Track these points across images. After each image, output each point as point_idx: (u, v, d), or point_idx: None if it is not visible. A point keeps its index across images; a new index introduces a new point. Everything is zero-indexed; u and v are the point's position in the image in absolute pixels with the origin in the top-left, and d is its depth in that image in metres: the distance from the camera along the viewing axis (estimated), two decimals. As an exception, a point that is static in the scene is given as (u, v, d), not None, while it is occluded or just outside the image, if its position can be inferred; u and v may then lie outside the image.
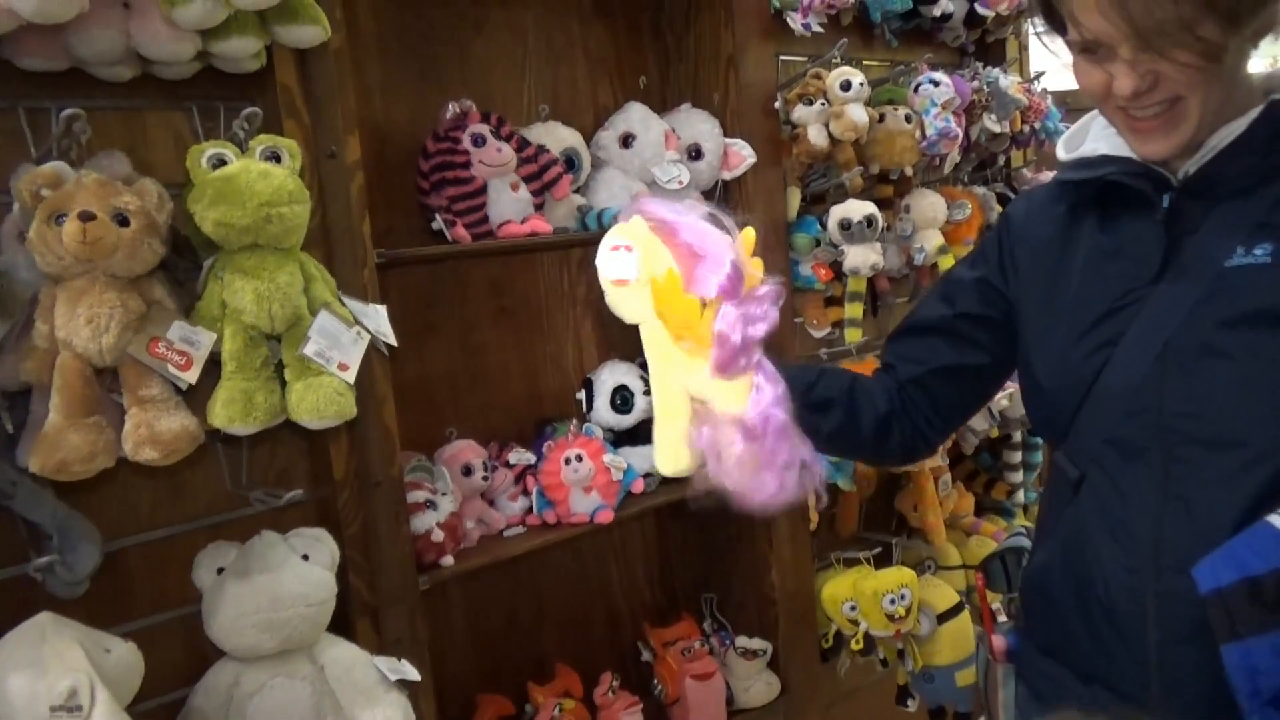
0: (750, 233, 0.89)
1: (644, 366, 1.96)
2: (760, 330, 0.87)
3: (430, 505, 1.56)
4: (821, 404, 1.23)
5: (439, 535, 1.54)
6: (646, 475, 1.85)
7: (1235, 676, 0.88)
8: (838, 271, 2.11)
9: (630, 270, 0.87)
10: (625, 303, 0.90)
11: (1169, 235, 1.02)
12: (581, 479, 1.72)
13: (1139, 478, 1.02)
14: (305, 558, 1.34)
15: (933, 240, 2.19)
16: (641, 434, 1.90)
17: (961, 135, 2.14)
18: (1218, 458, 0.97)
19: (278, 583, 1.29)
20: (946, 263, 2.19)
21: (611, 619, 2.07)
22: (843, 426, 1.24)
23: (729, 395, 0.90)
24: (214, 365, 1.22)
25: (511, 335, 1.89)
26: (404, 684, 1.41)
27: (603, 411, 1.88)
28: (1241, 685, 0.87)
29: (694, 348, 0.89)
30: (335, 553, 1.37)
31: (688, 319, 0.88)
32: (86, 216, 1.04)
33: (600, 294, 0.98)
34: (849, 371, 1.31)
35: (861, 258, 2.04)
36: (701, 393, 0.91)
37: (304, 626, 1.31)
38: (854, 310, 2.13)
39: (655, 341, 0.91)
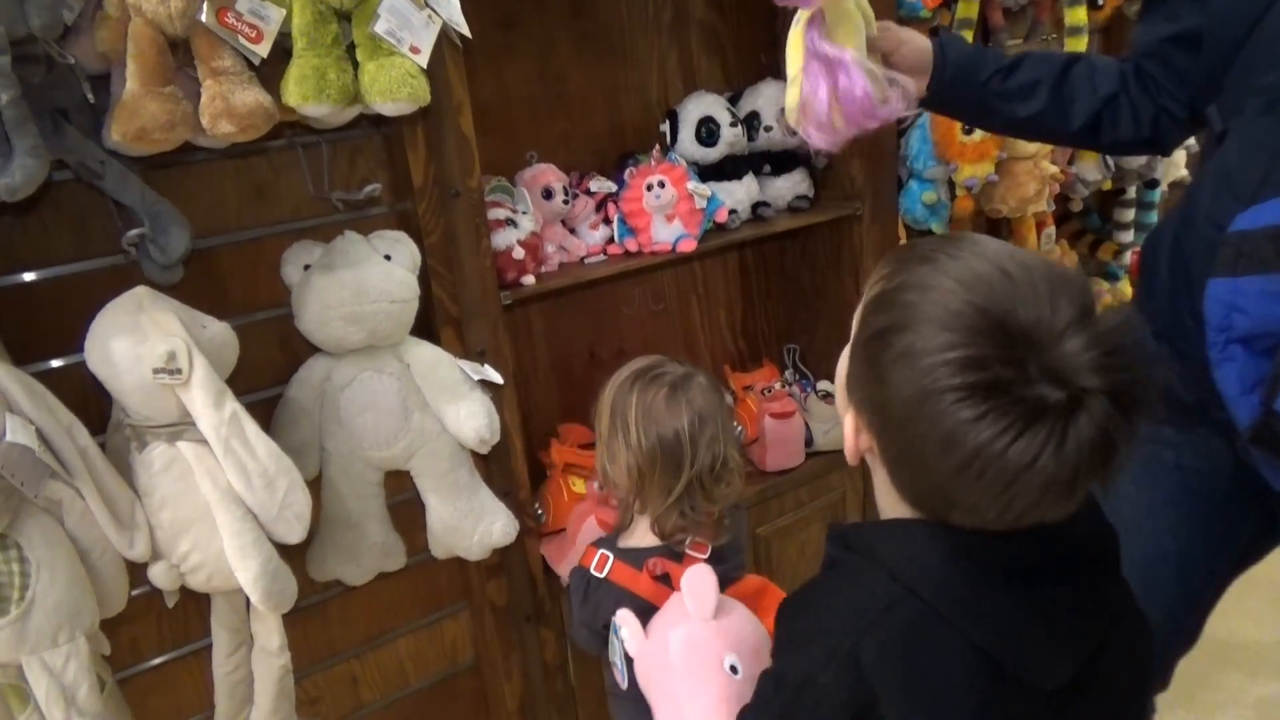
0: None
1: (731, 99, 1.87)
2: None
3: (511, 223, 1.55)
4: (1023, 89, 1.28)
5: (519, 253, 1.54)
6: (731, 211, 1.80)
7: (1212, 309, 0.87)
8: (946, -1, 1.93)
9: None
10: None
11: None
12: (664, 205, 1.68)
13: (1263, 130, 0.95)
14: (388, 258, 1.35)
15: (1054, -38, 1.98)
16: (727, 168, 1.83)
17: None
18: None
19: (361, 277, 1.31)
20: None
21: (691, 359, 2.07)
22: (1044, 113, 1.28)
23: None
24: (286, 55, 1.19)
25: (593, 62, 1.81)
26: (488, 387, 1.45)
27: (687, 144, 1.81)
28: (1215, 319, 0.86)
29: None
30: (416, 255, 1.38)
31: None
32: None
33: (684, 20, 1.28)
34: (1076, 54, 1.31)
35: (972, -22, 1.86)
36: None
37: (388, 322, 1.34)
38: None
39: None
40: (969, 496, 0.68)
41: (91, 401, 1.23)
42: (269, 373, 1.42)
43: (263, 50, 1.11)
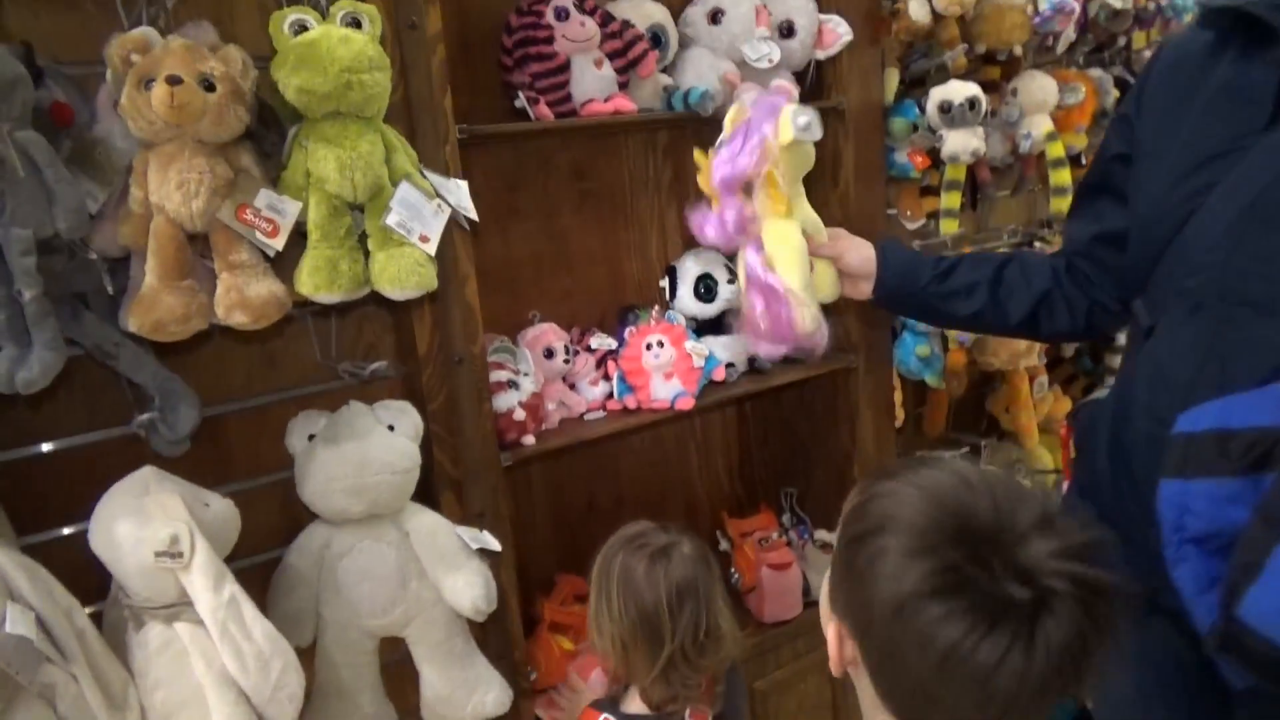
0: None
1: (730, 256, 1.93)
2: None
3: (512, 385, 1.58)
4: (961, 290, 1.36)
5: (520, 414, 1.56)
6: (728, 365, 1.84)
7: (1165, 509, 0.90)
8: (935, 159, 2.01)
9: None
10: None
11: None
12: (663, 364, 1.72)
13: (1192, 332, 1.00)
14: (391, 428, 1.38)
15: (1041, 126, 2.07)
16: (725, 324, 1.88)
17: (1078, 11, 2.00)
18: (1264, 322, 0.95)
19: (364, 450, 1.33)
20: (1055, 150, 2.07)
21: (690, 507, 2.09)
22: (983, 311, 1.35)
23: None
24: (299, 238, 1.24)
25: (595, 220, 1.87)
26: (485, 554, 1.46)
27: (686, 300, 1.86)
28: (1168, 519, 0.89)
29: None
30: (419, 424, 1.40)
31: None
32: (174, 80, 1.05)
33: (684, 181, 1.40)
34: (1014, 253, 1.38)
35: (961, 143, 1.94)
36: None
37: (389, 493, 1.35)
38: (950, 200, 2.04)
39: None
40: (948, 695, 0.69)
41: (93, 572, 1.23)
42: (269, 536, 1.43)
43: (278, 244, 1.16)
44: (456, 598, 1.39)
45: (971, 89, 1.91)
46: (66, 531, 1.27)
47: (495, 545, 1.46)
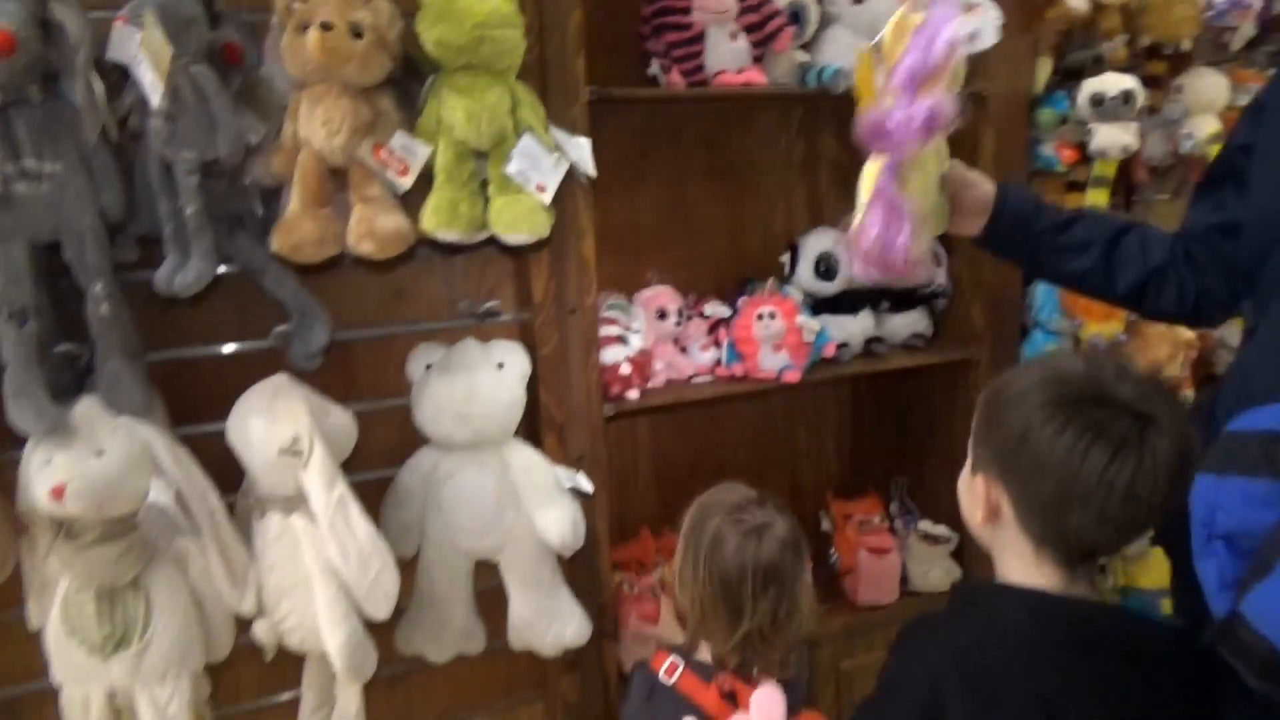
0: None
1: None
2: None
3: (622, 340, 1.65)
4: (1076, 246, 1.32)
5: (627, 369, 1.63)
6: (841, 345, 1.85)
7: (1196, 504, 0.90)
8: (1084, 153, 1.93)
9: None
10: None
11: None
12: (772, 336, 1.75)
13: None
14: (500, 366, 1.48)
15: (1206, 127, 1.94)
16: (844, 302, 1.88)
17: (1258, 7, 1.87)
18: None
19: (473, 382, 1.43)
20: (1219, 152, 1.95)
21: (794, 483, 2.11)
22: (1092, 271, 1.31)
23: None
24: (427, 180, 1.34)
25: (721, 191, 1.92)
26: (579, 495, 1.54)
27: (805, 276, 1.88)
28: (1199, 514, 0.89)
29: None
30: (526, 366, 1.49)
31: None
32: (326, 26, 1.18)
33: (815, 159, 1.61)
34: (1136, 223, 1.32)
35: (1111, 138, 1.85)
36: None
37: (491, 424, 1.45)
38: (1096, 197, 1.95)
39: None
40: (1079, 507, 0.87)
41: (231, 467, 1.39)
42: (387, 456, 1.56)
43: (407, 183, 1.27)
44: (546, 531, 1.48)
45: (1127, 81, 1.83)
46: (210, 428, 1.44)
47: (588, 487, 1.54)
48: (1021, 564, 0.95)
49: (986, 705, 0.90)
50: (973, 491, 0.98)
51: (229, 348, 1.44)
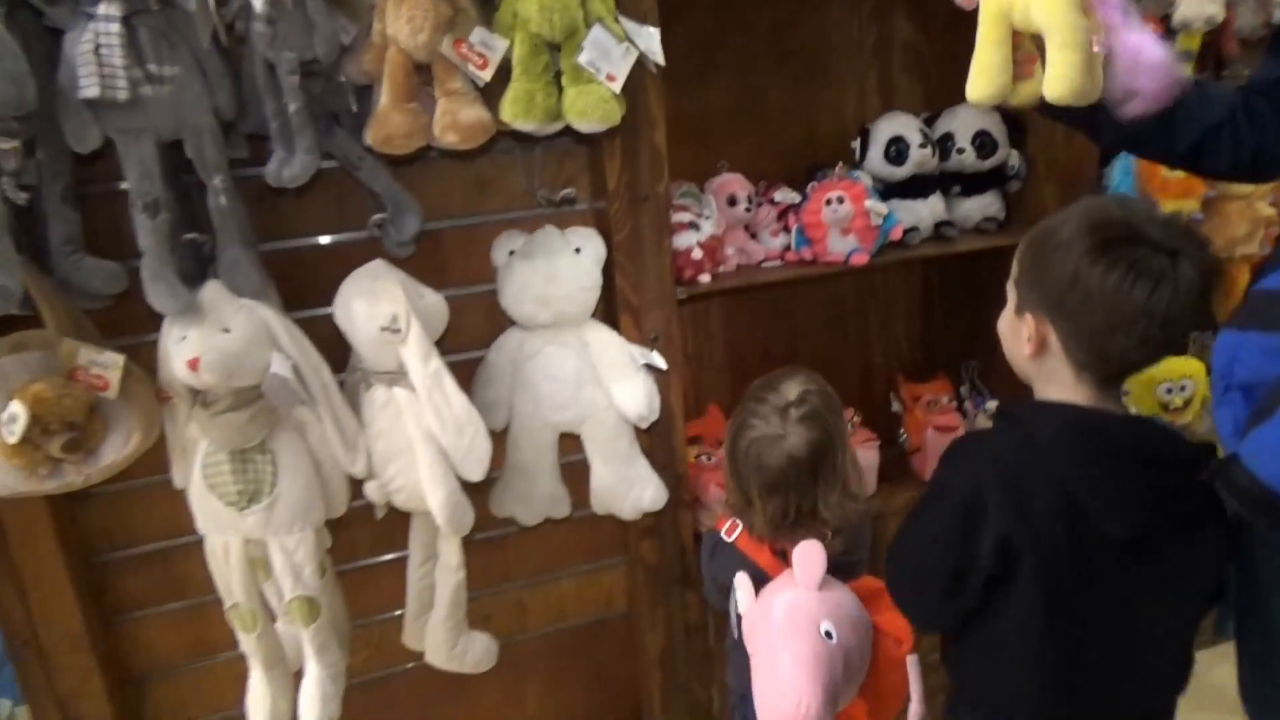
0: None
1: (927, 120, 1.94)
2: None
3: (693, 226, 1.72)
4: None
5: (698, 254, 1.71)
6: (909, 229, 1.88)
7: (1217, 357, 0.97)
8: (1168, 26, 1.89)
9: None
10: None
11: None
12: (840, 220, 1.79)
13: None
14: (578, 251, 1.57)
15: (1304, -6, 1.87)
16: (914, 187, 1.91)
17: None
18: None
19: (554, 266, 1.54)
20: (1314, 20, 1.87)
21: (864, 366, 2.18)
22: (1151, 131, 1.26)
23: None
24: (506, 74, 1.42)
25: (791, 79, 1.94)
26: (653, 371, 1.65)
27: (875, 161, 1.90)
28: (1218, 366, 0.97)
29: None
30: (602, 250, 1.59)
31: None
32: (407, -73, 1.25)
33: (888, 45, 1.48)
34: (1200, 81, 1.30)
35: (1196, 9, 1.80)
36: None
37: (571, 306, 1.56)
38: (1179, 71, 1.91)
39: None
40: (1122, 328, 0.99)
41: (338, 346, 1.54)
42: (476, 337, 1.69)
43: (487, 76, 1.35)
44: (623, 404, 1.60)
45: (1214, -53, 1.77)
46: (316, 312, 1.58)
47: (662, 364, 1.64)
48: (1061, 387, 1.08)
49: (1020, 501, 1.04)
50: (1017, 330, 1.10)
51: (329, 238, 1.58)
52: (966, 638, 1.17)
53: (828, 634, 1.24)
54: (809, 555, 1.28)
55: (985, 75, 1.21)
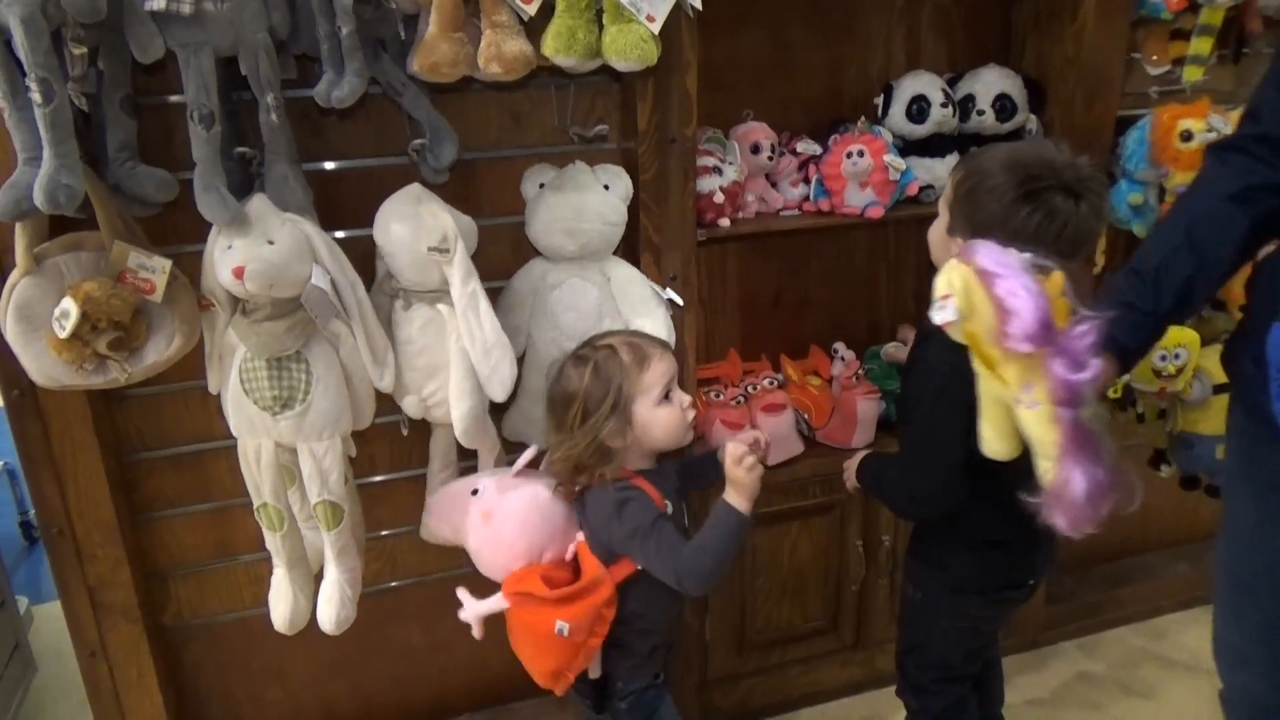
0: (1058, 277, 1.13)
1: (951, 81, 1.98)
2: (1088, 372, 1.09)
3: (717, 171, 1.78)
4: (1175, 284, 1.27)
5: (720, 198, 1.77)
6: (925, 187, 1.94)
7: (1272, 350, 1.03)
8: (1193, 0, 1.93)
9: (950, 315, 1.13)
10: (952, 333, 1.17)
11: None
12: (859, 173, 1.85)
13: None
14: (606, 187, 1.63)
15: (1328, -27, 1.91)
16: (933, 145, 1.96)
17: None
18: None
19: (582, 199, 1.60)
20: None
21: (872, 318, 2.24)
22: (1197, 276, 1.26)
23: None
24: (549, 10, 1.46)
25: (821, 34, 1.98)
26: (671, 306, 1.71)
27: (897, 118, 1.95)
28: (1273, 359, 1.03)
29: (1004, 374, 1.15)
30: (629, 188, 1.65)
31: (992, 363, 1.15)
32: None
33: (920, 2, 1.70)
34: (1182, 212, 1.32)
35: (1221, -16, 1.85)
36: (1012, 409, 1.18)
37: (597, 240, 1.62)
38: (1200, 46, 1.95)
39: (977, 364, 1.19)
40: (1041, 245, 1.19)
41: (368, 265, 1.60)
42: (501, 266, 1.75)
43: (532, 10, 1.40)
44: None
45: (1244, -78, 1.80)
46: (356, 233, 1.64)
47: (679, 300, 1.71)
48: None
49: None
50: (947, 246, 1.36)
51: (370, 161, 1.63)
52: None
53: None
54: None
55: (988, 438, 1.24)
